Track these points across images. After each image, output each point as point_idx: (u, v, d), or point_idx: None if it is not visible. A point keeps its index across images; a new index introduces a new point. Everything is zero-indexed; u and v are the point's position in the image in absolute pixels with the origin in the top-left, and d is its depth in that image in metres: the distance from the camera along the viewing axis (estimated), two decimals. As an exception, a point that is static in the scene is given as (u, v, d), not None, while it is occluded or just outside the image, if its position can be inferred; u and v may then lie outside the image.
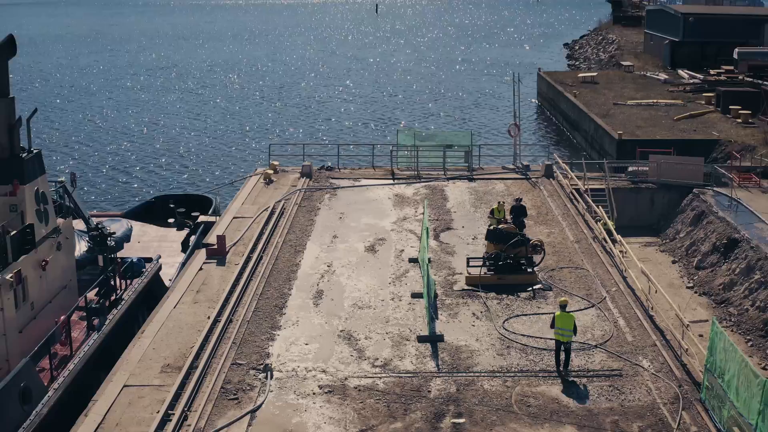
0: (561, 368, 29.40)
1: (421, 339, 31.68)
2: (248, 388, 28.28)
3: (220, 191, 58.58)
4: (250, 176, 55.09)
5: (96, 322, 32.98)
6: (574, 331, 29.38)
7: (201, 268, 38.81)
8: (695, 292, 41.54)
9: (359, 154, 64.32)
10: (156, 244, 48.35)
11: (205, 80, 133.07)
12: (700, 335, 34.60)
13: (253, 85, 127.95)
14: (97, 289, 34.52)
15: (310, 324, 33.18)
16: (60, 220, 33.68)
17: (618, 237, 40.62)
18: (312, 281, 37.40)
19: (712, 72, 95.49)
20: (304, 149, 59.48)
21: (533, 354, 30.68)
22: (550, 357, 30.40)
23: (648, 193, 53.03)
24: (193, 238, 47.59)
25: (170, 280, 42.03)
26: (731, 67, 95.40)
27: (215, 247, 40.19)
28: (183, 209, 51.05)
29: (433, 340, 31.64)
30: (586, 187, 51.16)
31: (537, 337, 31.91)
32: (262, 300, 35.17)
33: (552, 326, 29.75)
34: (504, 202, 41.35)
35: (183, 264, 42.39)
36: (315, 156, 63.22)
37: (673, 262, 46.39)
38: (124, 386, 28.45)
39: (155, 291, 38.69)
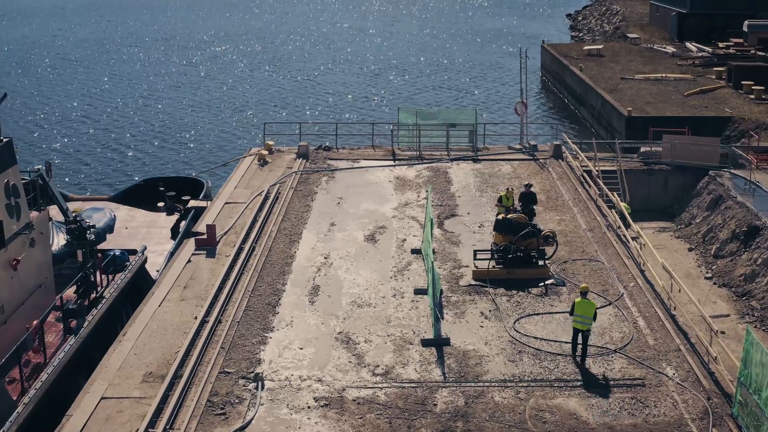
0: (577, 357, 28.16)
1: (425, 343, 29.25)
2: (237, 401, 25.86)
3: (213, 173, 55.96)
4: (244, 157, 52.52)
5: (74, 324, 30.48)
6: (594, 319, 27.79)
7: (189, 260, 36.36)
8: (714, 283, 39.20)
9: (358, 133, 61.57)
10: (144, 230, 45.96)
11: (197, 54, 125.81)
12: (722, 332, 32.27)
13: (247, 59, 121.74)
14: (76, 287, 31.93)
15: (305, 325, 30.72)
16: (34, 214, 31.07)
17: (636, 228, 37.94)
18: (308, 275, 34.91)
19: (720, 45, 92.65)
20: (301, 128, 56.83)
21: (547, 360, 28.23)
22: (566, 363, 28.01)
23: (661, 175, 50.60)
24: (183, 223, 45.08)
25: (157, 271, 39.61)
26: (740, 40, 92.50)
27: (205, 237, 37.63)
28: (173, 193, 48.59)
29: (439, 343, 29.21)
30: (597, 169, 48.60)
31: (551, 341, 29.45)
32: (253, 297, 32.70)
33: (571, 313, 28.23)
34: (512, 189, 38.75)
35: (171, 254, 39.91)
36: (312, 135, 60.52)
37: (690, 249, 44.02)
38: (102, 398, 26.08)
39: (141, 285, 36.20)
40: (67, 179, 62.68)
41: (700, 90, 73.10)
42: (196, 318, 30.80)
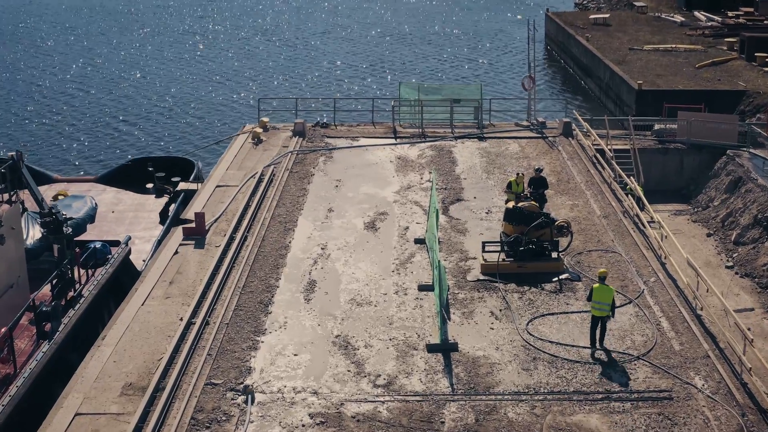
0: (597, 345, 26.71)
1: (431, 348, 26.80)
2: (224, 417, 23.45)
3: (204, 153, 53.33)
4: (238, 135, 49.91)
5: (48, 327, 27.96)
6: (612, 306, 26.34)
7: (176, 252, 33.85)
8: (736, 273, 36.71)
9: (358, 109, 58.83)
10: (132, 214, 43.49)
11: (187, 27, 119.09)
12: (749, 328, 29.72)
13: (241, 30, 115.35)
14: (50, 285, 29.41)
15: (300, 327, 28.26)
16: (5, 207, 28.46)
17: (658, 218, 35.32)
18: (303, 269, 32.42)
19: (730, 14, 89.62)
20: (297, 104, 54.09)
21: (564, 368, 25.79)
22: (584, 372, 25.60)
23: (677, 155, 48.12)
24: (173, 207, 42.62)
25: (144, 261, 37.15)
26: (751, 9, 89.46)
27: (193, 225, 35.10)
28: (162, 174, 46.02)
29: (446, 349, 26.75)
30: (610, 146, 46.05)
31: (568, 345, 26.98)
32: (244, 294, 30.22)
33: (589, 299, 26.65)
34: (523, 174, 36.08)
35: (159, 242, 37.46)
36: (309, 111, 57.81)
37: (708, 235, 41.54)
38: (77, 414, 23.70)
39: (124, 280, 33.69)
40: (51, 159, 59.80)
41: (711, 62, 70.33)
42: (181, 319, 28.37)
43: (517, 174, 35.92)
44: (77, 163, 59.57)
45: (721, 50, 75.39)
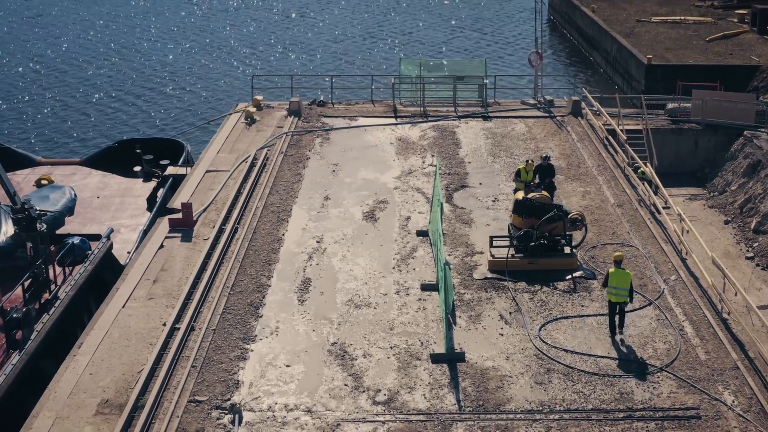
0: (616, 334, 25.58)
1: (435, 359, 24.59)
2: (208, 441, 21.22)
3: (194, 133, 50.88)
4: (230, 114, 47.47)
5: (20, 335, 25.70)
6: (630, 291, 25.20)
7: (162, 245, 31.56)
8: (757, 265, 34.51)
9: (356, 87, 56.30)
10: (118, 199, 41.23)
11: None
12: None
13: (232, 2, 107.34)
14: (22, 288, 27.12)
15: (293, 333, 26.04)
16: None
17: (678, 210, 33.00)
18: (297, 265, 30.17)
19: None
20: (293, 81, 51.57)
21: (581, 381, 23.60)
22: (603, 386, 23.43)
23: (691, 135, 45.84)
24: (161, 192, 40.37)
25: (128, 252, 34.93)
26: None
27: (180, 216, 32.82)
28: (151, 156, 43.64)
29: (452, 359, 24.54)
30: (621, 126, 43.71)
31: (584, 354, 24.76)
32: (233, 295, 27.97)
33: (605, 285, 25.52)
34: (532, 161, 33.68)
35: (145, 232, 35.24)
36: (305, 89, 55.29)
37: (726, 222, 39.27)
38: (46, 437, 21.40)
39: (106, 277, 31.45)
40: (34, 141, 56.96)
41: (722, 35, 67.71)
42: (164, 324, 26.11)
43: (527, 161, 33.49)
44: (62, 144, 56.74)
45: (731, 23, 72.71)
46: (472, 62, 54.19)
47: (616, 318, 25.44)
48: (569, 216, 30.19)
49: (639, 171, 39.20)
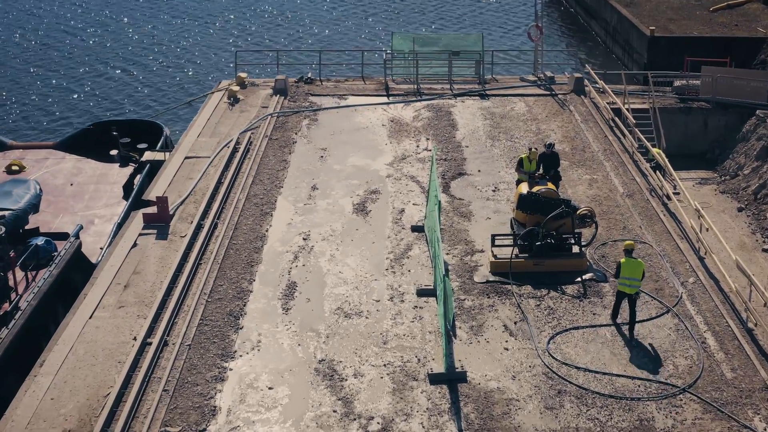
0: (621, 324, 24.27)
1: (434, 379, 22.18)
2: (180, 483, 18.81)
3: (175, 113, 48.12)
4: (212, 93, 44.74)
5: (-28, 354, 23.24)
6: (642, 278, 23.68)
7: (135, 244, 29.00)
8: (775, 258, 32.04)
9: (346, 63, 53.44)
10: (93, 187, 38.74)
11: None
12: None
13: None
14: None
15: (276, 348, 23.61)
16: None
17: (695, 205, 30.44)
18: (282, 266, 27.68)
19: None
20: (279, 57, 48.80)
21: (596, 406, 21.25)
22: (620, 411, 21.09)
23: (700, 114, 43.28)
24: (138, 179, 37.86)
25: (101, 248, 32.45)
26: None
27: (155, 211, 30.28)
28: (128, 139, 41.06)
29: (452, 379, 22.14)
30: (627, 105, 41.19)
31: (599, 373, 22.39)
32: (212, 303, 25.50)
33: (616, 276, 23.93)
34: (536, 149, 31.07)
35: (119, 225, 32.74)
36: (292, 65, 52.47)
37: (740, 210, 36.81)
38: (-3, 478, 18.97)
39: (76, 279, 28.94)
40: (5, 123, 53.29)
41: (726, 5, 64.91)
42: (135, 339, 23.63)
43: (530, 150, 30.87)
44: (34, 126, 53.44)
45: (736, -9, 69.89)
46: (469, 36, 51.31)
47: (626, 313, 24.02)
48: (578, 212, 27.66)
49: (649, 155, 36.78)
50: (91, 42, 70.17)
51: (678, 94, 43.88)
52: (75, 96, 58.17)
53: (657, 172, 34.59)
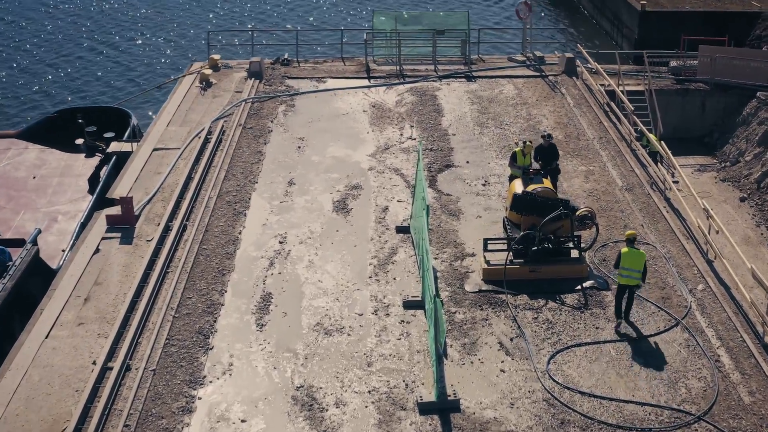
0: (621, 322, 22.88)
1: (424, 409, 20.07)
2: None
3: (144, 98, 45.59)
4: (183, 76, 42.28)
5: None
6: (644, 273, 22.34)
7: (98, 250, 26.72)
8: (783, 255, 30.17)
9: (324, 43, 50.95)
10: (57, 180, 36.43)
11: None
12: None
13: None
14: None
15: (250, 372, 21.45)
16: None
17: (704, 204, 28.27)
18: (256, 274, 25.48)
19: None
20: (254, 37, 46.33)
21: (604, 438, 19.13)
22: (631, 444, 18.95)
23: (698, 96, 41.21)
24: (105, 170, 35.57)
25: (63, 251, 30.18)
26: None
27: (119, 214, 27.98)
28: (94, 128, 38.63)
29: (444, 408, 20.04)
30: (622, 87, 39.08)
31: (604, 398, 20.33)
32: (179, 319, 23.30)
33: (616, 267, 22.55)
34: (531, 142, 28.80)
35: (83, 225, 30.48)
36: (267, 46, 49.90)
37: (742, 199, 34.98)
38: None
39: (34, 289, 26.62)
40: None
41: (719, -24, 62.64)
42: (95, 363, 21.41)
43: (524, 143, 28.59)
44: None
45: (728, -40, 67.61)
46: (454, 14, 48.88)
47: (624, 301, 22.76)
48: (577, 213, 25.51)
49: (644, 138, 34.70)
50: (55, 23, 65.66)
51: (674, 74, 41.85)
52: (38, 81, 54.38)
53: (657, 162, 32.55)
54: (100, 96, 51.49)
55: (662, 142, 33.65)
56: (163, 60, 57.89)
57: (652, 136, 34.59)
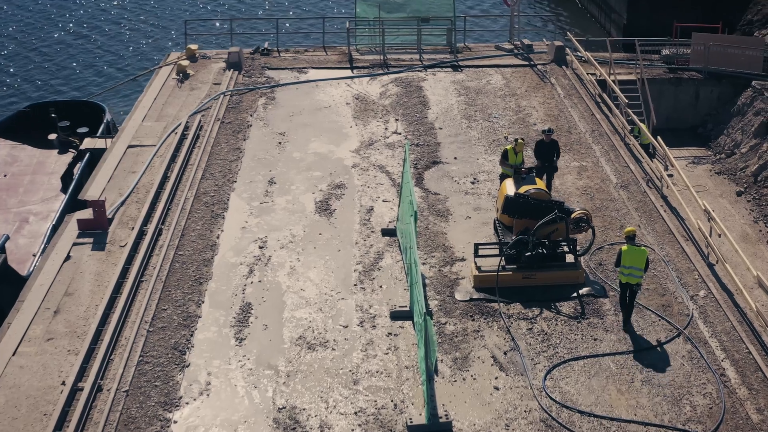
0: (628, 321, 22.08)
1: (413, 432, 18.85)
2: None
3: (119, 91, 44.04)
4: (159, 68, 40.83)
5: None
6: (645, 269, 21.56)
7: (68, 257, 25.35)
8: (784, 253, 29.06)
9: (305, 32, 49.47)
10: (28, 177, 35.16)
11: None
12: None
13: None
14: None
15: (229, 391, 20.17)
16: None
17: (704, 205, 27.08)
18: (235, 283, 24.18)
19: None
20: (232, 26, 44.79)
21: (606, 462, 17.97)
22: (634, 469, 17.78)
23: (691, 85, 39.99)
24: (78, 167, 34.23)
25: (34, 255, 28.84)
26: None
27: (91, 218, 26.61)
28: (67, 123, 37.23)
29: (435, 431, 18.78)
30: (613, 77, 37.85)
31: (605, 419, 19.16)
32: (153, 333, 22.00)
33: (617, 264, 21.70)
34: (523, 140, 27.47)
35: (54, 228, 29.13)
36: (247, 36, 48.32)
37: (739, 194, 33.80)
38: None
39: (1, 300, 25.29)
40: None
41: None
42: (64, 384, 20.11)
43: (516, 140, 27.26)
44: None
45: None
46: (439, 1, 47.42)
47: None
48: (572, 215, 24.29)
49: (635, 129, 33.55)
50: (26, 13, 63.24)
51: (666, 63, 40.59)
52: (9, 74, 52.32)
53: (651, 154, 31.41)
54: (74, 90, 49.63)
55: (658, 137, 32.47)
56: (138, 51, 55.76)
57: (643, 126, 33.42)
